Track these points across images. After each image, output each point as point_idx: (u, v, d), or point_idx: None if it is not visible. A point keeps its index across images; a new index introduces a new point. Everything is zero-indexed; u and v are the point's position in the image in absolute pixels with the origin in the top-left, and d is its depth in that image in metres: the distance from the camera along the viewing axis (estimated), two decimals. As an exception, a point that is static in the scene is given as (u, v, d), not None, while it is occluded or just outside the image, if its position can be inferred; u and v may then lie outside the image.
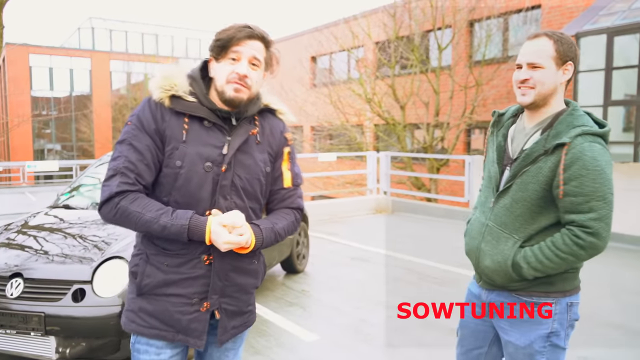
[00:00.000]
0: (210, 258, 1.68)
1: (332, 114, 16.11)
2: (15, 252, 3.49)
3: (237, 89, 1.65)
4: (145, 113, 1.67)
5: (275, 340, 3.99)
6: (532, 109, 1.86)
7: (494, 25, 13.39)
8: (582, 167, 1.70)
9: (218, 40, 1.66)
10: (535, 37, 1.81)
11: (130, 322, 1.72)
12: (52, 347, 3.06)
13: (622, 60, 10.28)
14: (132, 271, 1.73)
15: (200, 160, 1.65)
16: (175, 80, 1.68)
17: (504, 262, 1.83)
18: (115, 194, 1.61)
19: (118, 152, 1.65)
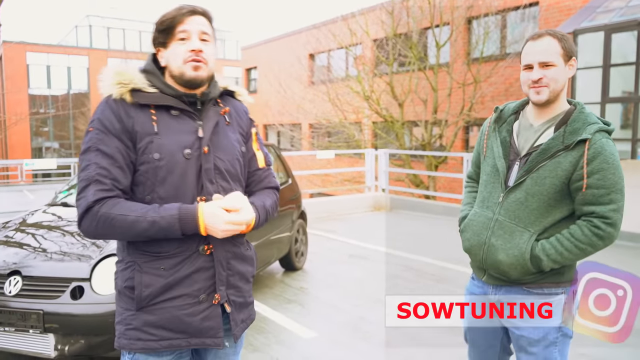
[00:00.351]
0: (210, 247, 1.61)
1: (330, 112, 16.10)
2: (13, 249, 3.49)
3: (195, 66, 1.60)
4: (106, 114, 1.58)
5: (274, 337, 4.00)
6: (543, 106, 1.88)
7: (491, 22, 13.40)
8: (604, 161, 1.76)
9: (161, 24, 1.62)
10: (539, 37, 1.84)
11: (135, 341, 1.59)
12: (51, 344, 3.07)
13: (619, 58, 10.29)
14: (127, 286, 1.61)
15: (179, 149, 1.59)
16: (130, 74, 1.62)
17: (521, 256, 1.84)
18: (93, 203, 1.51)
19: (86, 161, 1.55)
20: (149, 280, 1.58)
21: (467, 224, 2.04)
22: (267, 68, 23.39)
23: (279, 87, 18.46)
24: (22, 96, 30.95)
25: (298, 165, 14.51)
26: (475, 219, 2.00)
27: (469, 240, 2.01)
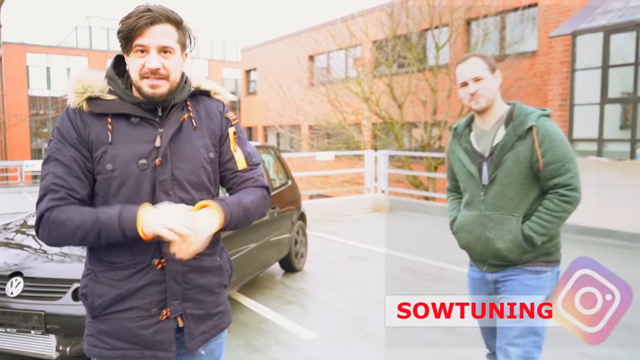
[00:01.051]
0: (162, 261, 1.56)
1: (329, 113, 16.13)
2: (14, 251, 3.51)
3: (152, 85, 1.52)
4: (64, 124, 1.55)
5: (275, 338, 4.02)
6: (484, 113, 2.24)
7: (491, 23, 13.42)
8: (551, 140, 2.11)
9: (120, 32, 1.52)
10: (466, 59, 2.22)
11: (92, 347, 1.59)
12: (53, 345, 3.08)
13: (618, 58, 10.31)
14: (82, 293, 1.60)
15: (133, 159, 1.53)
16: (89, 81, 1.56)
17: (515, 239, 2.14)
18: (44, 211, 1.50)
19: (45, 171, 1.54)
20: (102, 290, 1.56)
21: (459, 225, 2.33)
22: (267, 69, 23.42)
23: (278, 89, 18.50)
24: (21, 97, 30.95)
25: (297, 166, 14.51)
26: (465, 219, 2.30)
27: (464, 239, 2.31)
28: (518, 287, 2.17)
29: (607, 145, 10.52)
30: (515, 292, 2.16)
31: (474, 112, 2.27)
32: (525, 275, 2.17)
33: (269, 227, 5.10)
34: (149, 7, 1.50)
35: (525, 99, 13.11)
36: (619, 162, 7.75)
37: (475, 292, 2.37)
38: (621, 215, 7.40)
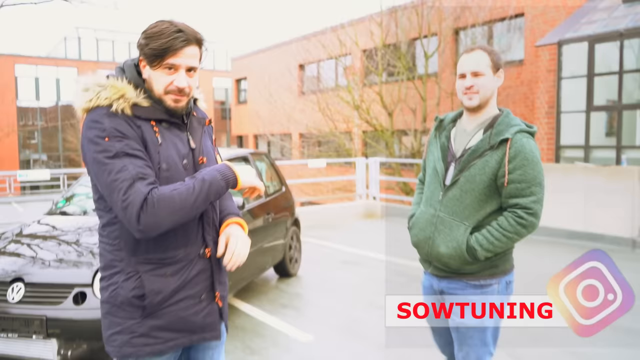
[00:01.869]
0: (210, 250, 1.71)
1: (320, 121, 16.26)
2: (15, 258, 3.55)
3: (176, 100, 1.63)
4: (116, 122, 1.56)
5: (272, 340, 4.08)
6: (475, 111, 2.13)
7: (478, 33, 13.66)
8: (524, 158, 1.99)
9: (151, 48, 1.57)
10: (472, 50, 2.10)
11: (142, 347, 1.62)
12: (54, 349, 3.13)
13: (603, 67, 10.56)
14: (134, 295, 1.60)
15: (179, 159, 1.65)
16: (123, 88, 1.62)
17: (458, 247, 2.07)
18: (147, 193, 1.51)
19: (120, 165, 1.52)
20: (159, 286, 1.62)
21: (414, 221, 2.27)
22: (257, 78, 23.54)
23: (269, 97, 18.62)
24: (10, 108, 30.78)
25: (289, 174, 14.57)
26: (421, 216, 2.23)
27: (416, 236, 2.24)
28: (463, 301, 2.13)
29: (593, 151, 10.73)
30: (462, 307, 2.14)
31: (465, 108, 2.16)
32: (469, 291, 2.12)
33: (263, 233, 5.17)
34: (179, 28, 1.58)
35: (512, 107, 13.33)
36: (604, 167, 7.92)
37: (425, 300, 2.29)
38: (608, 220, 7.56)
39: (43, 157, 34.17)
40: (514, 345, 4.01)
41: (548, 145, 11.40)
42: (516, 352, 3.81)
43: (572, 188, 7.98)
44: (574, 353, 3.75)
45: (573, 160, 10.65)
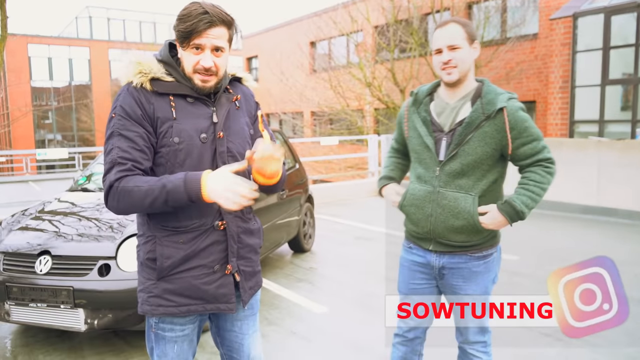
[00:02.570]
0: (224, 223, 1.76)
1: (332, 99, 16.23)
2: (39, 232, 3.69)
3: (203, 80, 1.71)
4: (127, 101, 1.69)
5: (288, 312, 4.21)
6: (454, 86, 2.11)
7: (492, 7, 13.46)
8: (522, 121, 2.04)
9: (179, 30, 1.68)
10: (446, 24, 2.08)
11: (157, 307, 1.74)
12: (81, 318, 3.27)
13: (619, 39, 10.39)
14: (148, 258, 1.74)
15: (196, 133, 1.71)
16: (149, 64, 1.72)
17: (471, 218, 2.07)
18: (114, 181, 1.64)
19: (110, 145, 1.68)
20: (169, 252, 1.72)
21: (409, 199, 2.21)
22: (269, 56, 23.45)
23: (280, 76, 18.57)
24: (24, 89, 31.05)
25: (301, 152, 14.66)
26: (417, 194, 2.18)
27: (414, 214, 2.20)
28: (467, 275, 2.16)
29: (608, 126, 10.64)
30: (465, 279, 2.16)
31: (444, 83, 2.14)
32: (473, 263, 2.15)
33: (278, 209, 5.27)
34: (206, 10, 1.65)
35: (526, 81, 13.20)
36: (619, 141, 7.88)
37: (412, 277, 2.29)
38: (622, 194, 7.56)
39: (58, 137, 34.57)
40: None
41: (562, 120, 11.32)
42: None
43: (585, 162, 7.97)
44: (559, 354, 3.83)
45: (587, 135, 10.57)
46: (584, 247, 5.92)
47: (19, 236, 3.67)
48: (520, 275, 4.96)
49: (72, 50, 33.95)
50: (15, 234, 3.71)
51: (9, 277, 3.39)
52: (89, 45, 34.31)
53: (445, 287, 2.25)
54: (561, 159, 8.62)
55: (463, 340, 2.30)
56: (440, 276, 2.22)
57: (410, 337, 2.37)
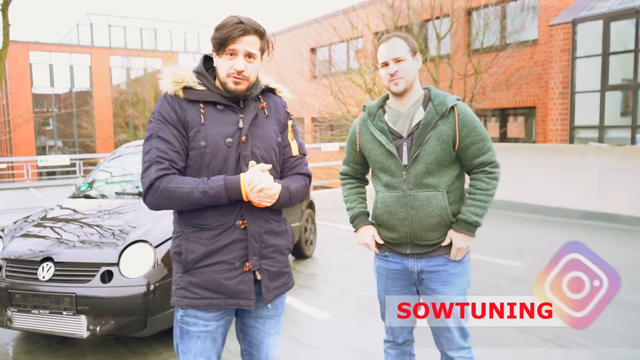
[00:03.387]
0: (245, 222, 1.87)
1: (332, 105, 16.26)
2: (42, 239, 3.70)
3: (236, 82, 1.87)
4: (164, 107, 1.88)
5: (290, 318, 4.21)
6: (402, 95, 2.23)
7: (491, 13, 13.52)
8: (472, 120, 2.18)
9: (215, 38, 1.85)
10: (389, 39, 2.20)
11: (182, 298, 1.88)
12: (84, 325, 3.28)
13: (619, 45, 10.44)
14: (176, 252, 1.91)
15: (222, 137, 1.86)
16: (183, 74, 1.90)
17: (444, 212, 2.18)
18: (154, 179, 1.81)
19: (148, 146, 1.86)
20: (193, 247, 1.86)
21: (381, 207, 2.26)
22: (269, 62, 23.44)
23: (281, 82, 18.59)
24: (25, 95, 31.13)
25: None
26: (387, 200, 2.24)
27: (388, 221, 2.25)
28: (445, 277, 2.23)
29: (608, 131, 10.67)
30: (444, 282, 2.22)
31: (392, 93, 2.25)
32: (450, 265, 2.22)
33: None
34: (241, 20, 1.85)
35: (526, 87, 13.24)
36: (619, 147, 7.90)
37: (393, 284, 2.33)
38: (622, 200, 7.57)
39: (59, 144, 34.63)
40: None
41: (562, 126, 11.35)
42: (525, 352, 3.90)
43: (585, 168, 7.99)
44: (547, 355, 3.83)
45: (587, 141, 10.60)
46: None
47: (22, 243, 3.69)
48: (523, 282, 4.96)
49: (73, 57, 34.07)
50: (17, 241, 3.72)
51: (11, 284, 3.40)
52: (89, 52, 34.42)
53: (425, 291, 2.30)
54: (561, 164, 8.65)
55: (448, 347, 2.33)
56: (419, 281, 2.28)
57: (399, 341, 2.45)
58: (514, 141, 13.87)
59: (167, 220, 3.77)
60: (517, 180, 8.53)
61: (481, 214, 2.18)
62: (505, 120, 14.27)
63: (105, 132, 33.88)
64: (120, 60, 34.62)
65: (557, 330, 3.82)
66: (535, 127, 13.27)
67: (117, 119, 34.37)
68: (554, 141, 11.44)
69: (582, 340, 3.63)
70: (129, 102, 33.27)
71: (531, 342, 3.64)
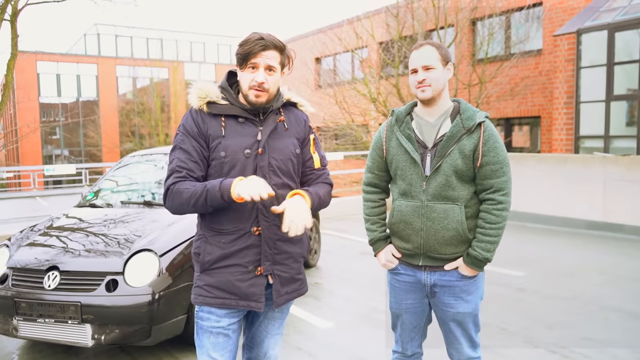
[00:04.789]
0: (259, 229, 1.99)
1: (337, 114, 16.32)
2: (48, 248, 3.72)
3: (257, 94, 1.98)
4: (188, 121, 2.03)
5: (294, 328, 4.21)
6: (430, 104, 2.21)
7: (496, 23, 13.57)
8: (495, 141, 2.16)
9: (238, 53, 1.97)
10: (421, 46, 2.19)
11: (198, 296, 2.03)
12: (88, 334, 3.29)
13: (623, 56, 10.44)
14: (195, 252, 2.05)
15: (240, 149, 1.98)
16: (208, 89, 2.03)
17: (460, 226, 2.16)
18: (171, 184, 1.97)
19: (172, 157, 2.02)
20: (211, 249, 2.01)
21: (397, 216, 2.25)
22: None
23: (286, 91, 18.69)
24: (33, 105, 31.39)
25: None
26: (404, 210, 2.23)
27: (404, 230, 2.24)
28: (458, 293, 2.23)
29: (613, 141, 10.64)
30: (456, 297, 2.23)
31: (420, 101, 2.24)
32: (464, 282, 2.22)
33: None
34: (262, 36, 1.97)
35: (531, 97, 13.25)
36: (624, 157, 7.88)
37: (405, 297, 2.33)
38: (628, 210, 7.54)
39: (65, 153, 34.85)
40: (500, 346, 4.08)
41: (567, 136, 11.33)
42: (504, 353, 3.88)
43: (591, 178, 7.97)
44: (582, 338, 3.81)
45: (592, 151, 10.57)
46: (590, 264, 5.90)
47: (28, 252, 3.72)
48: (525, 292, 4.94)
49: (80, 67, 34.37)
50: (24, 250, 3.75)
51: (17, 293, 3.42)
52: (96, 62, 34.72)
53: (437, 305, 2.30)
54: (566, 174, 8.63)
55: (458, 358, 2.36)
56: (432, 294, 2.28)
57: (408, 353, 2.45)
58: (518, 151, 13.86)
59: (173, 230, 3.82)
60: (521, 189, 8.51)
61: (492, 249, 2.17)
62: (510, 129, 14.27)
63: (111, 141, 34.09)
64: (127, 70, 34.91)
65: (563, 341, 3.80)
66: (540, 136, 13.27)
67: (123, 128, 34.59)
68: (559, 151, 11.42)
69: (587, 352, 3.61)
70: (135, 112, 33.51)
71: (537, 354, 3.62)
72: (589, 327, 4.07)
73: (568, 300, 4.70)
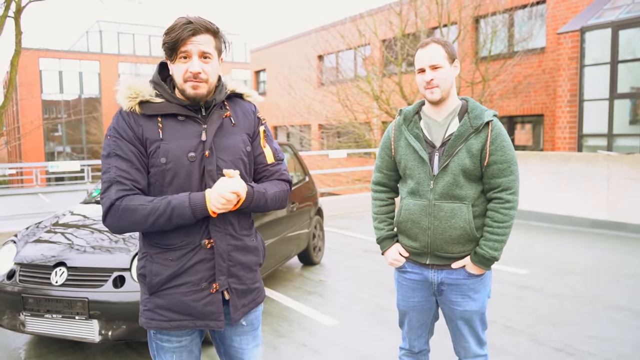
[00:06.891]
0: (211, 241, 1.76)
1: (340, 112, 16.30)
2: (55, 244, 3.74)
3: (194, 86, 1.71)
4: (120, 124, 1.74)
5: (298, 324, 4.23)
6: (438, 104, 2.20)
7: (499, 21, 13.54)
8: (503, 140, 2.14)
9: (165, 43, 1.71)
10: (427, 44, 2.16)
11: (150, 320, 1.79)
12: (96, 329, 3.31)
13: (627, 54, 10.41)
14: (140, 273, 1.80)
15: (183, 152, 1.72)
16: (139, 87, 1.75)
17: (467, 225, 2.15)
18: (115, 200, 1.68)
19: (107, 165, 1.72)
20: (158, 269, 1.77)
21: (405, 215, 2.25)
22: (277, 70, 23.65)
23: (288, 89, 18.70)
24: (35, 102, 31.44)
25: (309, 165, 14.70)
26: (411, 208, 2.23)
27: (411, 229, 2.24)
28: (466, 291, 2.23)
29: (617, 140, 10.62)
30: (464, 295, 2.23)
31: (428, 101, 2.22)
32: (472, 280, 2.21)
33: (288, 222, 5.31)
34: (189, 20, 1.70)
35: (534, 95, 13.23)
36: (628, 155, 7.87)
37: (412, 294, 2.33)
38: (632, 208, 7.53)
39: (67, 150, 34.91)
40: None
41: (570, 134, 11.32)
42: (537, 336, 3.88)
43: (594, 176, 7.96)
44: (588, 336, 3.82)
45: (596, 149, 10.56)
46: (593, 262, 5.91)
47: (35, 248, 3.73)
48: (530, 290, 4.95)
49: (83, 64, 34.41)
50: (31, 246, 3.77)
51: (24, 288, 3.44)
52: (99, 59, 34.76)
53: (444, 303, 2.31)
54: (570, 172, 8.63)
55: (465, 355, 2.37)
56: (439, 292, 2.28)
57: (415, 350, 2.46)
58: (522, 149, 13.84)
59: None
60: (525, 188, 8.49)
61: (499, 247, 2.16)
62: (513, 128, 14.26)
63: (113, 138, 34.01)
64: (129, 67, 34.90)
65: (568, 339, 3.81)
66: (543, 135, 13.25)
67: (126, 125, 34.60)
68: (562, 149, 11.41)
69: (592, 350, 3.62)
70: (138, 109, 33.46)
71: (542, 352, 3.63)
72: (593, 325, 4.08)
73: (573, 298, 4.71)
